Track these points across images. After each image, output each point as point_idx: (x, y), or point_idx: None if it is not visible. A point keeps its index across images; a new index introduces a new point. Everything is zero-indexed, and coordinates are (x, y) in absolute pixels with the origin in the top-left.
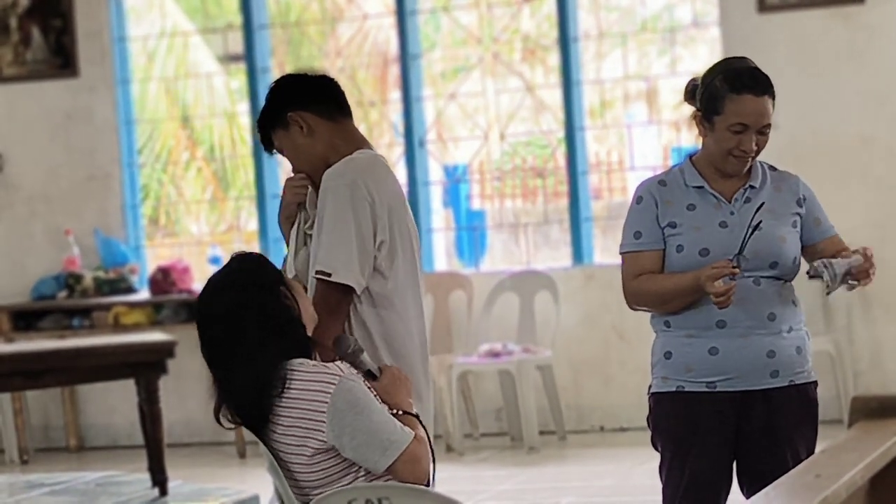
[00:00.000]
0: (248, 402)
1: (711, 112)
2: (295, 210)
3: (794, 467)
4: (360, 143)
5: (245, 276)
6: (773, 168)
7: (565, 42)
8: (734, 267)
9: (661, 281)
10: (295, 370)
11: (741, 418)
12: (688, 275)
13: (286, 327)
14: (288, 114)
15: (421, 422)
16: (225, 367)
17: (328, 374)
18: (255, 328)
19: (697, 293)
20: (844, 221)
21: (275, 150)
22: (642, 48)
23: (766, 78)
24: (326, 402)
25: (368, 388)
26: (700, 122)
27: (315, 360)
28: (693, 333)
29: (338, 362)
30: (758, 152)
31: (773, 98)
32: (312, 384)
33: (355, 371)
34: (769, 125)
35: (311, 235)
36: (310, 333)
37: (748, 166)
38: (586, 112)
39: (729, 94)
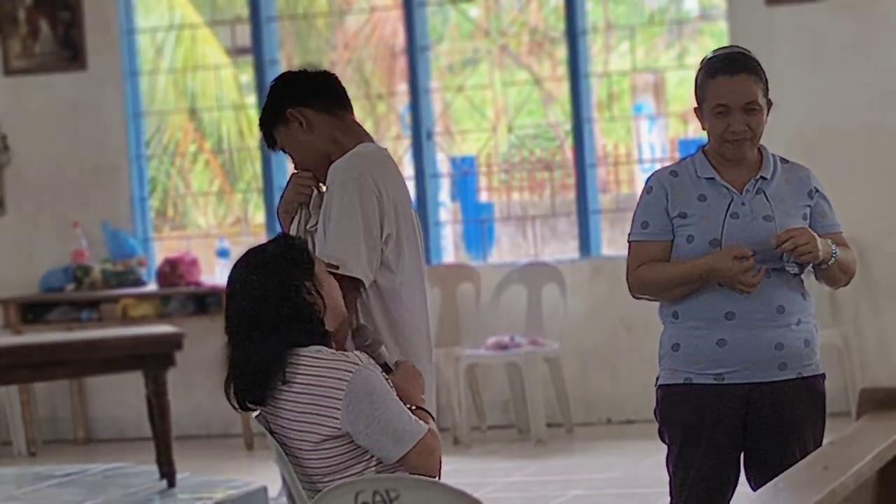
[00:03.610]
0: (252, 381)
1: (700, 101)
2: (295, 207)
3: (801, 459)
4: (362, 136)
5: (280, 261)
6: (784, 160)
7: (573, 34)
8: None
9: (668, 268)
10: (312, 356)
11: (749, 410)
12: (699, 262)
13: (306, 320)
14: (287, 110)
15: (433, 418)
16: (239, 344)
17: (346, 361)
18: (276, 313)
19: (705, 280)
20: (852, 213)
21: (278, 148)
22: (650, 41)
23: (745, 59)
24: (343, 389)
25: (385, 379)
26: (698, 115)
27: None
28: (701, 325)
29: (357, 352)
30: (755, 134)
31: (759, 77)
32: (329, 371)
33: (374, 362)
34: (754, 103)
35: (312, 233)
36: (334, 327)
37: (754, 149)
38: (594, 105)
39: (706, 79)
